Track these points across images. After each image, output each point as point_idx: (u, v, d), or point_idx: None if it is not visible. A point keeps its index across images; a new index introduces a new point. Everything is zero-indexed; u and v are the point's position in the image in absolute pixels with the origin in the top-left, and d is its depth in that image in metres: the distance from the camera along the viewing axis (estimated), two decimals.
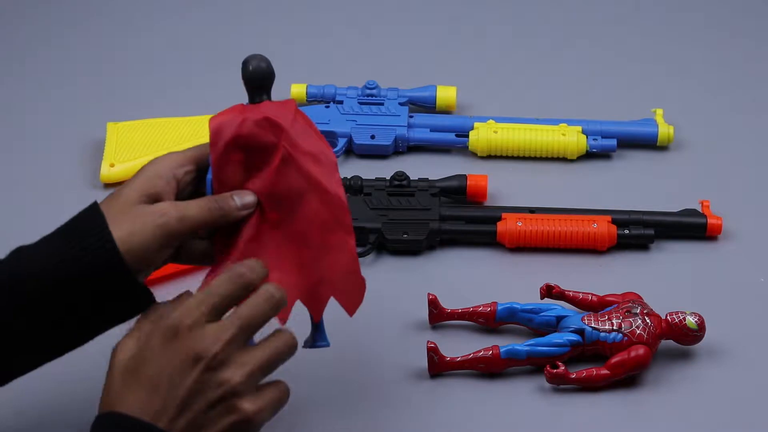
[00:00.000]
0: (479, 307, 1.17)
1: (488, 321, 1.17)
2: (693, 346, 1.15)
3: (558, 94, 1.45)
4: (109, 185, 1.31)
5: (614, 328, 1.13)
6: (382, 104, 1.38)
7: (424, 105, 1.40)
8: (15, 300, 0.91)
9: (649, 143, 1.37)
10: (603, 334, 1.13)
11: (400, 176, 1.28)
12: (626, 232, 1.25)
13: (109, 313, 0.94)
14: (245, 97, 0.99)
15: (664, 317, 1.14)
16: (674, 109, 1.40)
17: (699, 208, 1.28)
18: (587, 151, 1.36)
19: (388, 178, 1.28)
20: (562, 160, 1.36)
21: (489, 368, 1.13)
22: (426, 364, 1.13)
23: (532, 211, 1.27)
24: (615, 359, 1.12)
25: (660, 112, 1.38)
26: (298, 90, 1.40)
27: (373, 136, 1.36)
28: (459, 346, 1.14)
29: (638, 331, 1.12)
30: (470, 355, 1.13)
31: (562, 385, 1.12)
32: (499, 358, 1.12)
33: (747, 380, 1.14)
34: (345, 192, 1.00)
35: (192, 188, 0.99)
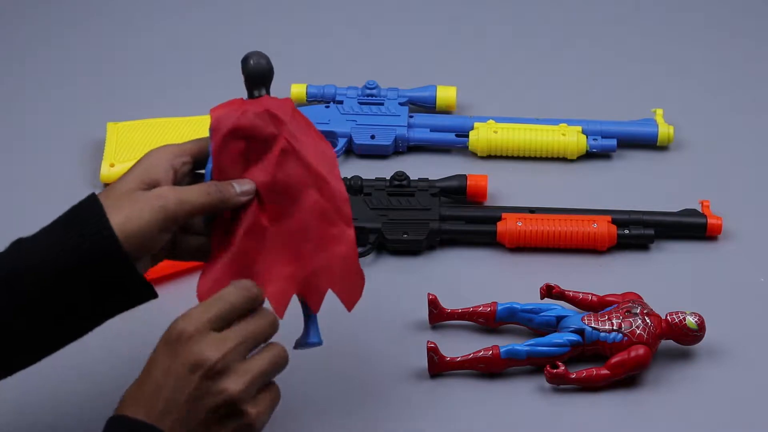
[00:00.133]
0: (479, 307, 1.17)
1: (488, 321, 1.17)
2: (693, 346, 1.15)
3: (558, 94, 1.45)
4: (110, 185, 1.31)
5: (614, 328, 1.13)
6: (382, 104, 1.38)
7: (424, 105, 1.40)
8: (15, 292, 0.91)
9: (649, 143, 1.37)
10: (603, 334, 1.13)
11: (400, 176, 1.28)
12: (626, 232, 1.25)
13: (109, 303, 0.94)
14: (245, 96, 0.99)
15: (664, 317, 1.14)
16: (674, 109, 1.40)
17: (699, 208, 1.28)
18: (587, 151, 1.36)
19: (388, 178, 1.28)
20: (562, 160, 1.36)
21: (489, 368, 1.13)
22: (426, 364, 1.13)
23: (532, 211, 1.27)
24: (615, 359, 1.12)
25: (660, 112, 1.38)
26: (298, 90, 1.40)
27: (373, 136, 1.36)
28: (459, 346, 1.14)
29: (638, 331, 1.12)
30: (470, 355, 1.13)
31: (562, 385, 1.12)
32: (499, 358, 1.12)
33: (747, 380, 1.14)
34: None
35: (189, 180, 0.99)
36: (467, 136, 1.36)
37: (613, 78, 1.47)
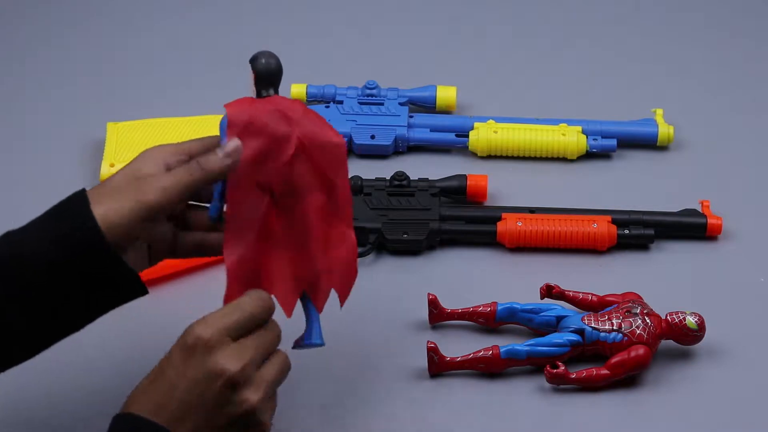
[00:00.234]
0: (479, 307, 1.17)
1: (488, 321, 1.17)
2: (693, 346, 1.15)
3: (558, 94, 1.45)
4: None
5: (614, 328, 1.13)
6: (382, 104, 1.38)
7: (424, 105, 1.40)
8: (3, 280, 0.91)
9: (649, 143, 1.37)
10: (603, 334, 1.13)
11: (400, 176, 1.28)
12: (626, 232, 1.25)
13: (99, 295, 0.94)
14: (245, 96, 0.99)
15: (664, 317, 1.14)
16: (674, 109, 1.40)
17: (699, 208, 1.28)
18: (587, 151, 1.36)
19: (388, 178, 1.28)
20: (562, 160, 1.36)
21: (489, 368, 1.13)
22: (426, 364, 1.13)
23: (532, 211, 1.27)
24: (615, 359, 1.12)
25: (660, 112, 1.38)
26: (298, 90, 1.40)
27: (373, 136, 1.36)
28: (459, 346, 1.14)
29: (638, 331, 1.12)
30: (470, 355, 1.13)
31: (562, 385, 1.12)
32: (499, 358, 1.12)
33: (747, 380, 1.14)
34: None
35: None
36: (467, 136, 1.36)
37: (613, 78, 1.47)
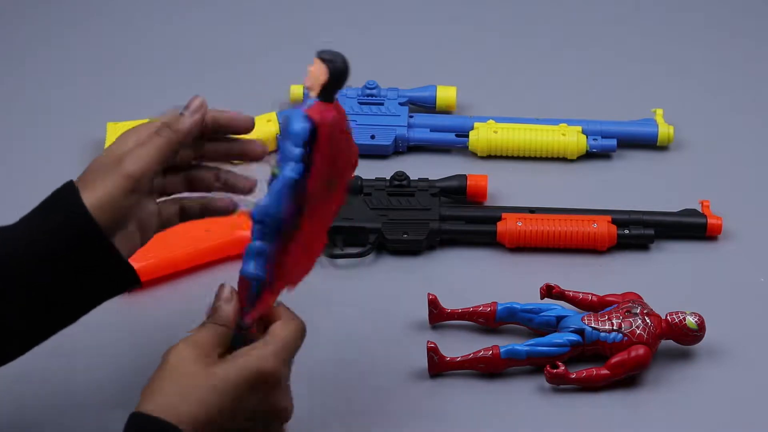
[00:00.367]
0: (479, 307, 1.17)
1: (488, 321, 1.17)
2: (693, 346, 1.15)
3: (558, 94, 1.45)
4: None
5: (614, 328, 1.13)
6: (382, 104, 1.38)
7: (424, 105, 1.40)
8: None
9: (649, 143, 1.37)
10: (603, 334, 1.13)
11: (400, 176, 1.28)
12: (626, 232, 1.25)
13: (91, 287, 0.95)
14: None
15: (664, 317, 1.14)
16: (674, 109, 1.40)
17: (699, 208, 1.28)
18: (587, 151, 1.36)
19: (388, 178, 1.28)
20: (562, 160, 1.36)
21: (489, 368, 1.13)
22: (426, 364, 1.13)
23: (532, 211, 1.27)
24: (615, 359, 1.12)
25: (660, 112, 1.38)
26: (298, 90, 1.39)
27: (373, 136, 1.36)
28: (459, 346, 1.14)
29: (638, 331, 1.12)
30: (470, 355, 1.13)
31: (562, 385, 1.12)
32: (499, 358, 1.12)
33: (747, 380, 1.14)
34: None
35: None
36: (467, 136, 1.36)
37: (613, 78, 1.47)
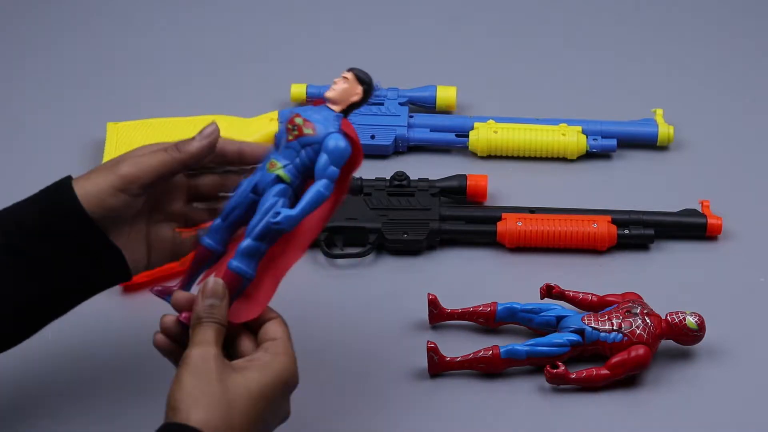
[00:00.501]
0: (479, 307, 1.17)
1: (488, 321, 1.17)
2: (693, 346, 1.15)
3: (558, 94, 1.45)
4: None
5: (614, 328, 1.13)
6: (382, 104, 1.37)
7: (424, 105, 1.40)
8: None
9: (649, 143, 1.37)
10: (603, 334, 1.13)
11: (400, 176, 1.28)
12: (626, 232, 1.25)
13: (82, 267, 0.96)
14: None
15: (664, 317, 1.14)
16: (674, 109, 1.40)
17: (699, 208, 1.28)
18: (587, 151, 1.36)
19: (388, 178, 1.28)
20: (562, 160, 1.36)
21: (489, 368, 1.13)
22: (426, 364, 1.13)
23: (532, 211, 1.27)
24: (615, 359, 1.12)
25: (660, 112, 1.38)
26: (298, 90, 1.39)
27: (373, 136, 1.36)
28: (459, 346, 1.14)
29: (638, 331, 1.12)
30: (470, 355, 1.13)
31: (562, 385, 1.12)
32: (499, 358, 1.12)
33: (747, 380, 1.14)
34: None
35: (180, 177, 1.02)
36: (467, 136, 1.36)
37: (613, 78, 1.47)
